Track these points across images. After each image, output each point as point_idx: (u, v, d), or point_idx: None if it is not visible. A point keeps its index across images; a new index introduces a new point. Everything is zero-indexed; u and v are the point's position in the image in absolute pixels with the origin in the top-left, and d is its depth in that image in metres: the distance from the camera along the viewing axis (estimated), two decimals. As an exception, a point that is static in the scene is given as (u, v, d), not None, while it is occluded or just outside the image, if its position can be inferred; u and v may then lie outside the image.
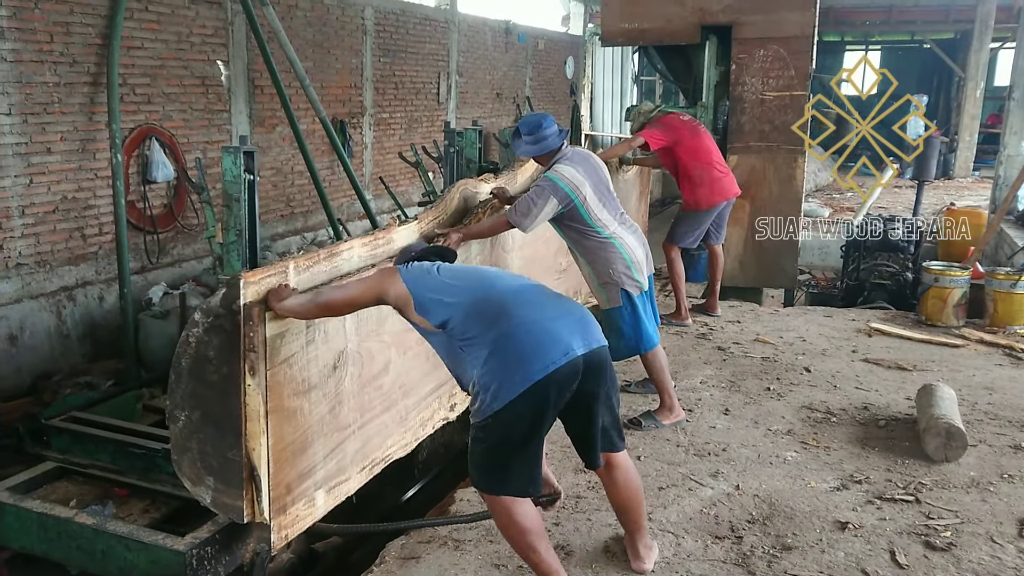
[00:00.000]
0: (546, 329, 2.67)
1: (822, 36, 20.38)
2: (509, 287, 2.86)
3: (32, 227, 6.24)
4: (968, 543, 3.22)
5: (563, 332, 2.67)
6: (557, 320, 2.71)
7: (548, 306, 2.79)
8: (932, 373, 5.10)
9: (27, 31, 6.04)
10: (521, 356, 2.61)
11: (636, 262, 4.28)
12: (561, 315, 2.75)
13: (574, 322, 2.74)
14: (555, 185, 4.09)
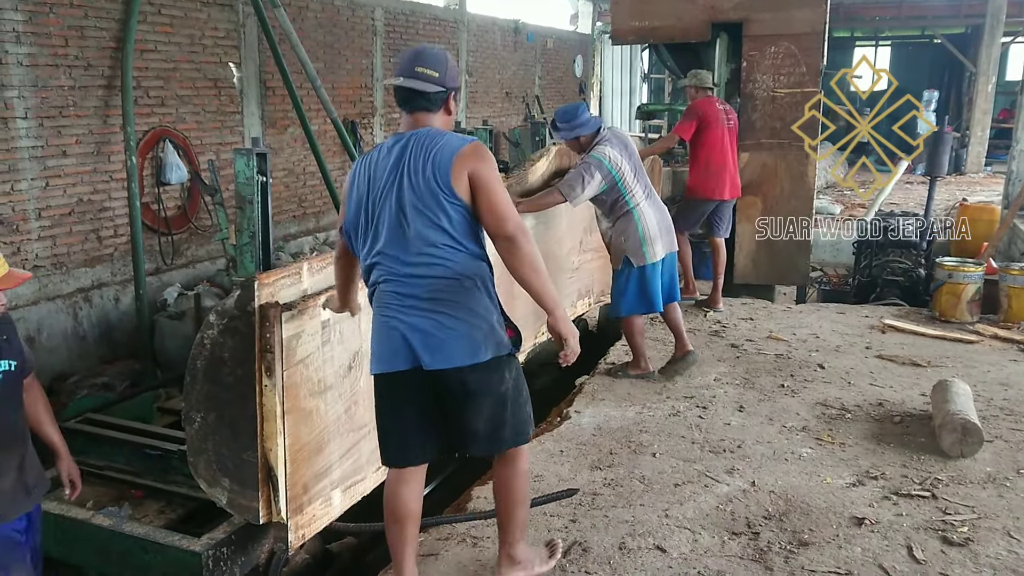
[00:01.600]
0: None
1: (832, 32, 20.30)
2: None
3: (48, 229, 6.29)
4: (985, 538, 3.21)
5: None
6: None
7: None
8: (946, 369, 5.08)
9: (42, 35, 6.09)
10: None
11: (649, 237, 4.77)
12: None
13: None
14: (600, 163, 4.62)
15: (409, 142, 2.70)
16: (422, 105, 2.74)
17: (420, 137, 2.69)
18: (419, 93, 2.71)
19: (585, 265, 5.85)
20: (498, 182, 2.65)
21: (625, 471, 3.85)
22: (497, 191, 2.61)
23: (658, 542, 3.22)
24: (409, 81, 2.70)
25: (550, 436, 4.31)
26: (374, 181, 2.72)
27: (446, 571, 3.10)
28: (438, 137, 2.68)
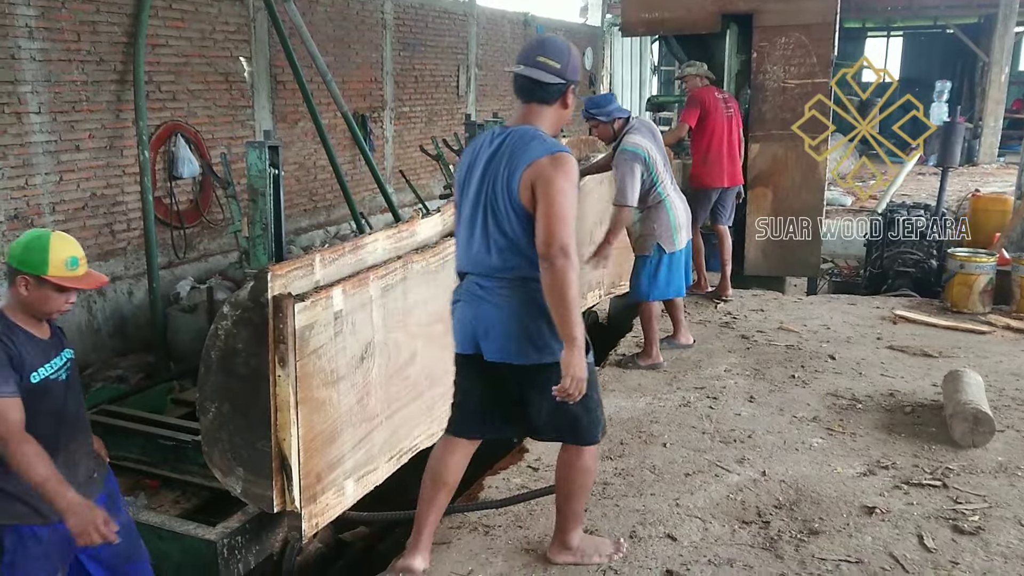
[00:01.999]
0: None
1: (843, 23, 20.17)
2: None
3: (62, 224, 6.34)
4: (996, 527, 3.21)
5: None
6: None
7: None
8: (958, 360, 5.07)
9: (55, 31, 6.14)
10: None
11: (678, 224, 5.01)
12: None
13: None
14: (635, 154, 4.80)
15: (507, 139, 2.72)
16: (538, 96, 2.73)
17: (516, 136, 2.71)
18: (537, 83, 2.70)
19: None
20: (560, 198, 2.57)
21: (636, 461, 3.87)
22: (552, 207, 2.55)
23: (669, 531, 3.24)
24: (529, 70, 2.70)
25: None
26: (472, 170, 2.80)
27: (458, 558, 3.12)
28: (530, 140, 2.67)
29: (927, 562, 3.00)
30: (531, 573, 3.00)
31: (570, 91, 2.76)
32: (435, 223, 4.19)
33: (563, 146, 2.70)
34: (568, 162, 2.63)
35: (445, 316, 4.03)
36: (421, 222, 4.10)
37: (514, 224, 2.66)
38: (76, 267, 2.58)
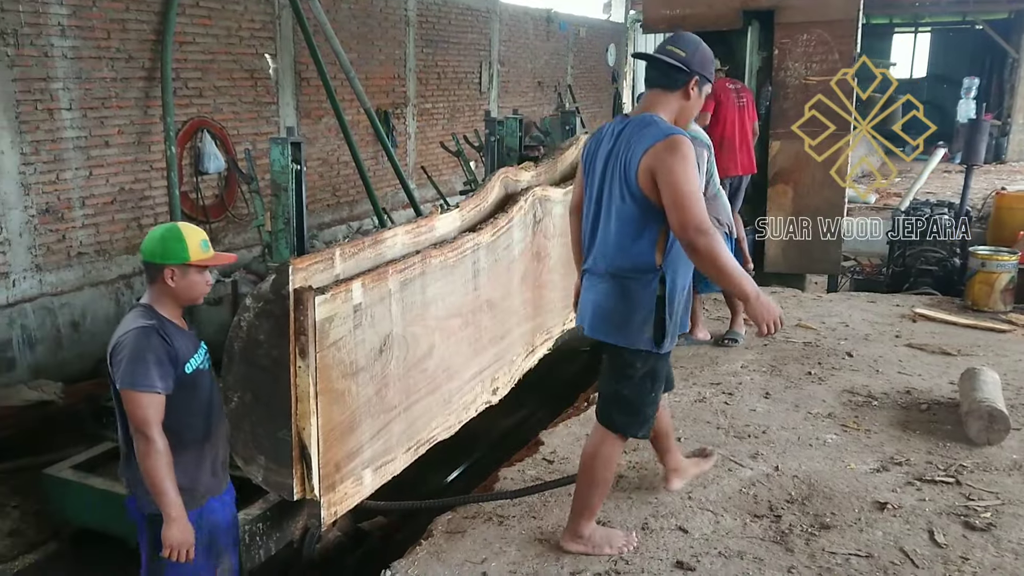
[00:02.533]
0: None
1: (870, 19, 19.98)
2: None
3: (92, 217, 6.49)
4: (1008, 523, 3.23)
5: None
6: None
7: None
8: (977, 358, 5.06)
9: (86, 28, 6.27)
10: None
11: (728, 209, 5.16)
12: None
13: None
14: (702, 142, 4.78)
15: (627, 127, 2.84)
16: (661, 82, 2.85)
17: (635, 123, 2.83)
18: (661, 67, 2.82)
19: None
20: (683, 180, 2.65)
21: (650, 454, 3.90)
22: (677, 191, 2.64)
23: (680, 523, 3.29)
24: (655, 55, 2.84)
25: (576, 420, 4.39)
26: (595, 159, 2.93)
27: (472, 547, 3.19)
28: (649, 127, 2.78)
29: (937, 557, 3.03)
30: (544, 563, 3.06)
31: (695, 82, 2.85)
32: (453, 219, 4.25)
33: (677, 129, 2.78)
34: (682, 143, 2.70)
35: (463, 310, 4.13)
36: (440, 217, 4.16)
37: (632, 209, 2.79)
38: (208, 248, 2.71)
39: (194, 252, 2.64)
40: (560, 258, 5.14)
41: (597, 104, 16.84)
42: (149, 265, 2.64)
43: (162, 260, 2.61)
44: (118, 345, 2.54)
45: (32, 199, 6.01)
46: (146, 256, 2.63)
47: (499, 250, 4.42)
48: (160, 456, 2.47)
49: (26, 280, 6.02)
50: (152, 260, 2.62)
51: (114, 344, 2.56)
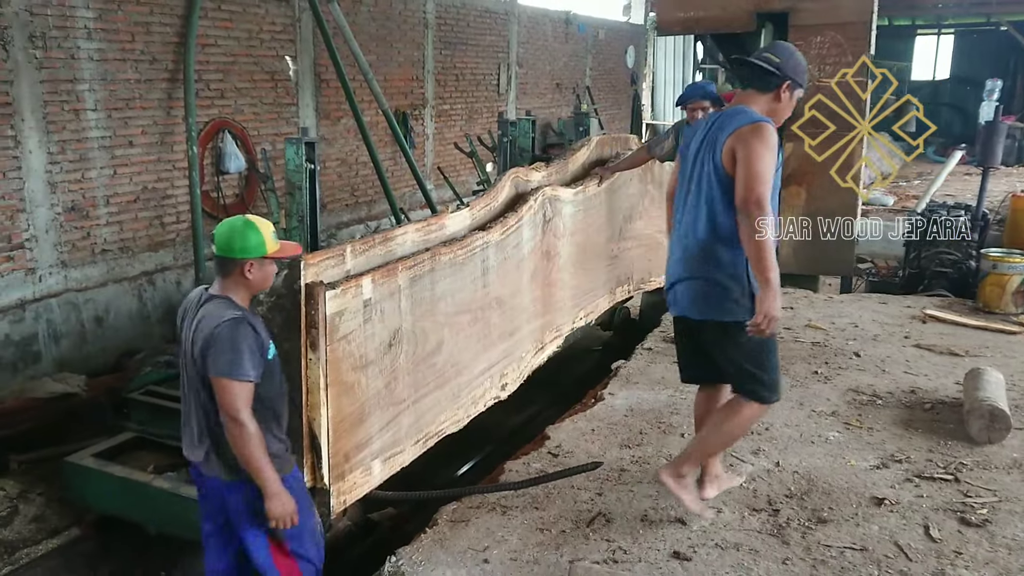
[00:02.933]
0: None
1: (892, 20, 19.86)
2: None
3: (116, 216, 6.66)
4: (1004, 520, 3.27)
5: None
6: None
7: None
8: (985, 359, 5.07)
9: (111, 31, 6.44)
10: None
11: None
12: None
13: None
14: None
15: (719, 119, 3.12)
16: (755, 83, 3.11)
17: (727, 114, 3.11)
18: (756, 70, 3.08)
19: (624, 253, 5.97)
20: (756, 159, 2.91)
21: (653, 449, 3.99)
22: (750, 167, 2.90)
23: (679, 515, 3.36)
24: (753, 59, 3.12)
25: (583, 416, 4.46)
26: (689, 147, 3.21)
27: (475, 535, 3.28)
28: (738, 116, 3.05)
29: (931, 551, 3.08)
30: (544, 551, 3.15)
31: (786, 87, 3.08)
32: (464, 217, 4.35)
33: (766, 117, 3.03)
34: (767, 130, 2.97)
35: (472, 307, 4.23)
36: (450, 216, 4.26)
37: (717, 190, 3.04)
38: (277, 239, 2.82)
39: (270, 245, 2.76)
40: (570, 257, 5.23)
41: (616, 106, 16.89)
42: (226, 260, 2.72)
43: (242, 255, 2.71)
44: (214, 336, 2.64)
45: (58, 197, 6.19)
46: (225, 251, 2.71)
47: (508, 248, 4.51)
48: (253, 438, 2.64)
49: (52, 276, 6.20)
50: (232, 255, 2.70)
51: (208, 334, 2.64)
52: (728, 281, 3.08)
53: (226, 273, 2.75)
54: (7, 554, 4.19)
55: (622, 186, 5.80)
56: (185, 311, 2.85)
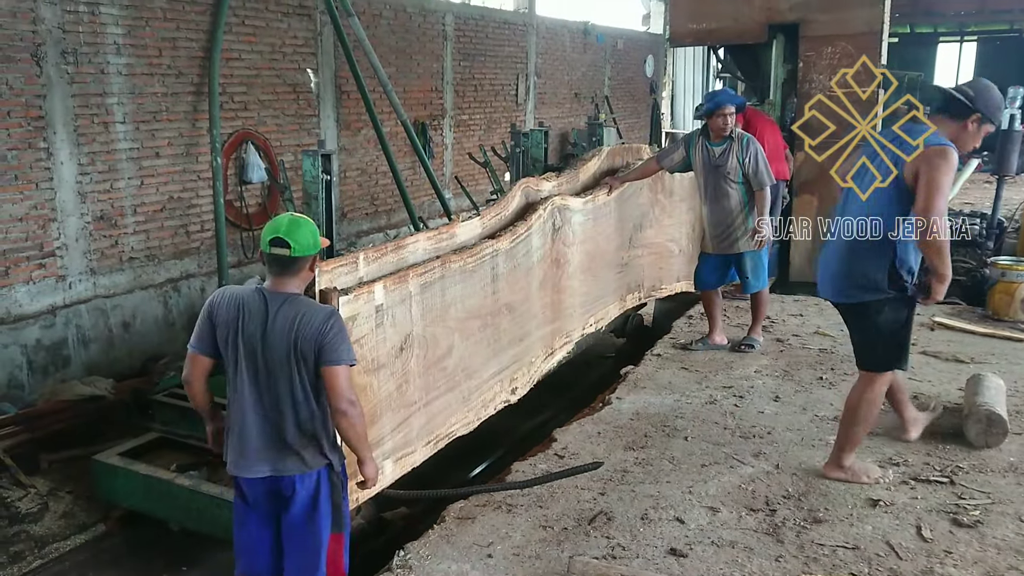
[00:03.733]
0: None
1: (914, 28, 19.81)
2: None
3: (143, 224, 6.89)
4: (995, 521, 3.35)
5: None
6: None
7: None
8: (990, 366, 5.12)
9: (139, 47, 6.68)
10: None
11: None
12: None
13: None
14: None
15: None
16: (945, 110, 3.51)
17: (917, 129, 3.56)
18: (948, 99, 3.50)
19: (635, 261, 6.08)
20: (939, 177, 3.30)
21: (657, 452, 4.10)
22: (932, 184, 3.29)
23: (678, 515, 3.47)
24: (950, 91, 3.53)
25: (590, 420, 4.59)
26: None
27: (480, 532, 3.42)
28: (924, 132, 3.49)
29: (921, 551, 3.17)
30: (546, 547, 3.28)
31: (976, 119, 3.45)
32: (474, 226, 4.50)
33: (949, 142, 3.39)
34: (950, 154, 3.34)
35: (482, 313, 4.37)
36: (461, 225, 4.41)
37: (881, 197, 3.50)
38: None
39: (322, 238, 2.90)
40: (580, 265, 5.36)
41: (635, 115, 17.00)
42: (300, 259, 2.79)
43: (315, 250, 2.82)
44: (331, 327, 2.75)
45: (88, 207, 6.42)
46: (306, 249, 2.78)
47: (518, 256, 4.65)
48: (363, 415, 2.92)
49: (81, 283, 6.43)
50: (306, 253, 2.79)
51: (323, 327, 2.73)
52: (865, 269, 3.57)
53: (297, 270, 2.80)
54: (38, 548, 4.39)
55: (632, 195, 5.92)
56: (248, 312, 2.79)
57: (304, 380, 2.78)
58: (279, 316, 2.76)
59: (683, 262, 6.67)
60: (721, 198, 5.42)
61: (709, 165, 5.44)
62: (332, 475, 2.93)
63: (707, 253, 5.72)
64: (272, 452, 2.83)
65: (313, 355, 2.74)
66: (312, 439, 2.84)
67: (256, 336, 2.78)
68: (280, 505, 2.90)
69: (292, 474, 2.84)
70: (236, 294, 2.87)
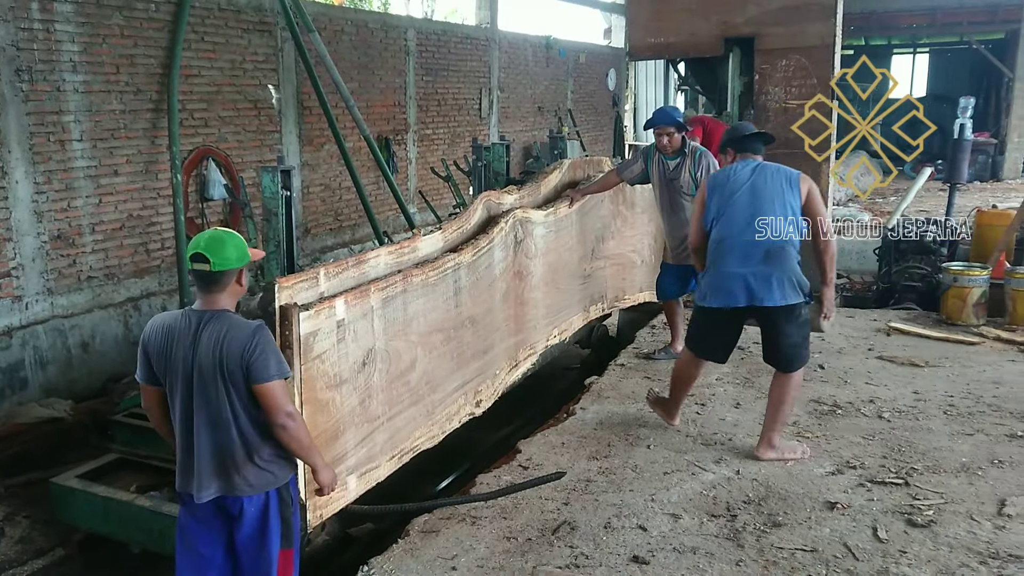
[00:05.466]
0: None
1: (868, 40, 20.26)
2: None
3: (101, 243, 6.80)
4: (948, 520, 3.43)
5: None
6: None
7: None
8: (944, 369, 5.26)
9: (96, 64, 6.62)
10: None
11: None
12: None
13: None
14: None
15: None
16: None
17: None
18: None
19: (598, 272, 6.14)
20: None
21: (620, 461, 4.14)
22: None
23: (641, 522, 3.51)
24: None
25: (554, 430, 4.61)
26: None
27: (444, 545, 3.42)
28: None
29: (877, 551, 3.24)
30: (510, 558, 3.29)
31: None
32: (436, 240, 4.51)
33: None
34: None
35: (445, 326, 4.38)
36: (423, 239, 4.43)
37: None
38: None
39: (251, 251, 2.87)
40: (542, 277, 5.40)
41: (598, 128, 17.15)
42: (225, 272, 2.74)
43: (239, 263, 2.78)
44: (257, 344, 2.69)
45: (44, 226, 6.33)
46: (225, 263, 2.73)
47: (480, 269, 4.68)
48: (304, 424, 2.90)
49: (38, 303, 6.33)
50: (235, 265, 2.76)
51: (248, 345, 2.68)
52: (795, 272, 4.13)
53: (222, 286, 2.76)
54: (-6, 575, 4.30)
55: (594, 207, 5.98)
56: (174, 337, 2.77)
57: (236, 397, 2.74)
58: (204, 335, 2.72)
59: (645, 272, 6.74)
60: (677, 211, 5.48)
61: (664, 179, 5.50)
62: (282, 491, 2.90)
63: (668, 263, 5.79)
64: (218, 473, 2.79)
65: (241, 373, 2.69)
66: (257, 457, 2.81)
67: (187, 359, 2.74)
68: (230, 523, 2.88)
69: (240, 495, 2.80)
70: (164, 321, 2.84)
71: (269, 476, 2.85)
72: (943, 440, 4.23)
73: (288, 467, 2.94)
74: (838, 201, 13.00)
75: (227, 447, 2.77)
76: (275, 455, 2.87)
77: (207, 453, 2.79)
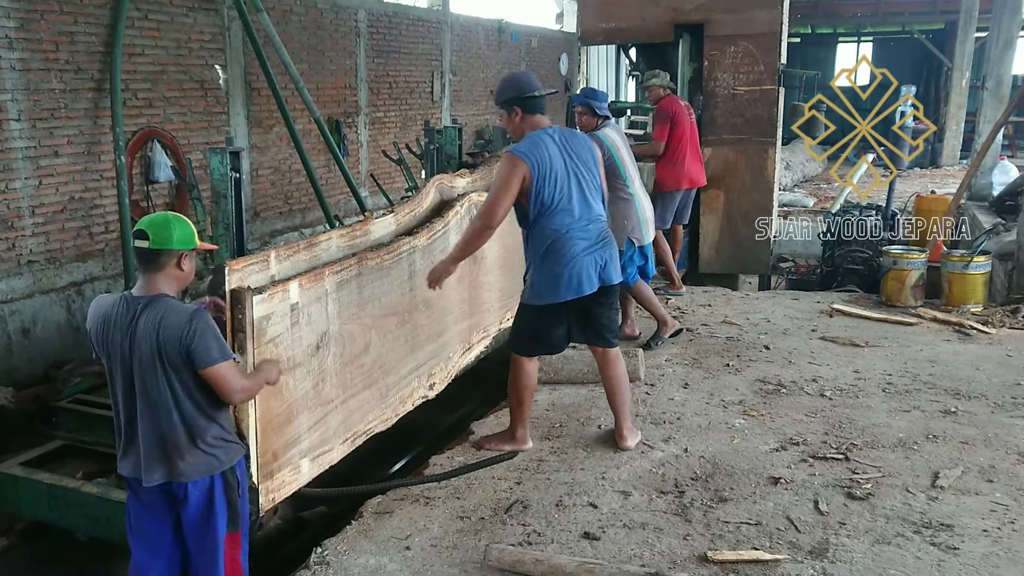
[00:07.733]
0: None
1: (815, 29, 20.68)
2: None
3: (42, 226, 6.62)
4: (885, 493, 3.57)
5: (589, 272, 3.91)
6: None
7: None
8: (883, 349, 5.44)
9: (33, 41, 6.42)
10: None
11: (645, 220, 5.50)
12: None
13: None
14: (601, 142, 5.27)
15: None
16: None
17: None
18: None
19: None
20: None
21: (571, 440, 4.21)
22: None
23: (592, 500, 3.58)
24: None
25: (506, 411, 4.64)
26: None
27: (398, 525, 3.45)
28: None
29: (818, 523, 3.36)
30: (463, 537, 3.34)
31: (513, 110, 4.04)
32: (388, 223, 4.50)
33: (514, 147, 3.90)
34: (504, 158, 3.86)
35: (399, 309, 4.39)
36: (375, 222, 4.42)
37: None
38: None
39: (198, 238, 2.82)
40: (496, 260, 5.42)
41: (551, 112, 17.03)
42: (162, 252, 2.69)
43: (180, 245, 2.72)
44: (193, 329, 2.64)
45: (-19, 208, 6.15)
46: (163, 243, 2.69)
47: (435, 253, 4.68)
48: (253, 384, 2.97)
49: (-24, 288, 6.16)
50: (169, 246, 2.70)
51: (185, 330, 2.64)
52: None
53: (160, 267, 2.72)
54: (-67, 566, 4.20)
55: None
56: (111, 324, 2.74)
57: (178, 383, 2.71)
58: (141, 320, 2.69)
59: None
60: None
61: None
62: (227, 474, 2.88)
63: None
64: (162, 459, 2.76)
65: (181, 359, 2.67)
66: (201, 441, 2.79)
67: (124, 344, 2.71)
68: (176, 506, 2.87)
69: (184, 480, 2.79)
70: (101, 307, 2.80)
71: (214, 460, 2.83)
72: (881, 417, 4.38)
73: (234, 450, 2.93)
74: (784, 186, 13.27)
75: (169, 433, 2.75)
76: (220, 439, 2.86)
77: (150, 439, 2.76)
